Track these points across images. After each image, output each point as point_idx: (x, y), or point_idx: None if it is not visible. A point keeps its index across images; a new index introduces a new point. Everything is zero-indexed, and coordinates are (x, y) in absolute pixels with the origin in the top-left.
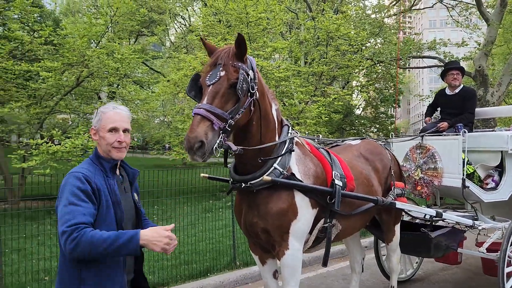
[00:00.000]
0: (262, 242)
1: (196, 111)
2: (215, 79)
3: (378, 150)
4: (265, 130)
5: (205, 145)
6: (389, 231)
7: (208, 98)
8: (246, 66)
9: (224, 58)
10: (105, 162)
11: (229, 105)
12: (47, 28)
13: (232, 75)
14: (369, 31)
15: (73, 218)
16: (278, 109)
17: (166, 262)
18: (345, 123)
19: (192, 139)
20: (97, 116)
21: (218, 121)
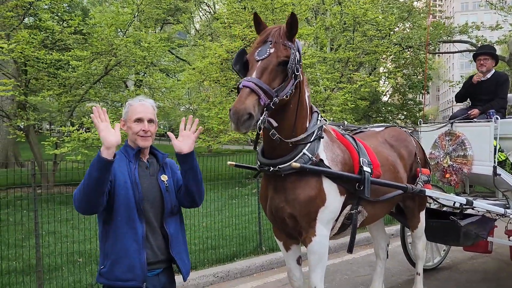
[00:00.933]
0: (288, 228)
1: (246, 84)
2: (265, 55)
3: (403, 137)
4: (299, 115)
5: (253, 118)
6: (414, 217)
7: (257, 72)
8: (295, 47)
9: (275, 36)
10: (129, 149)
11: (276, 83)
12: (76, 18)
13: (282, 53)
14: (398, 15)
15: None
16: (309, 96)
17: (194, 246)
18: (371, 110)
19: (242, 110)
20: (126, 108)
21: (265, 97)
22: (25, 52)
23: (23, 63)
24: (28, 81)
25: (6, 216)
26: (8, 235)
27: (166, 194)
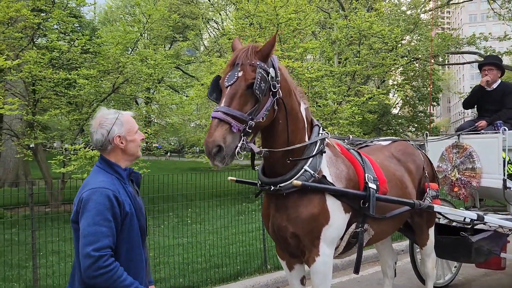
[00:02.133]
0: (291, 247)
1: (214, 115)
2: (232, 80)
3: (410, 151)
4: (293, 130)
5: (223, 149)
6: (422, 234)
7: (225, 100)
8: (266, 64)
9: (242, 57)
10: (120, 169)
11: (248, 106)
12: (83, 37)
13: (250, 75)
14: (404, 28)
15: (97, 241)
16: (307, 109)
17: (197, 265)
18: (381, 123)
19: (210, 143)
20: (117, 123)
21: (237, 124)
22: (33, 72)
23: (31, 83)
24: (37, 100)
25: (10, 236)
26: (12, 255)
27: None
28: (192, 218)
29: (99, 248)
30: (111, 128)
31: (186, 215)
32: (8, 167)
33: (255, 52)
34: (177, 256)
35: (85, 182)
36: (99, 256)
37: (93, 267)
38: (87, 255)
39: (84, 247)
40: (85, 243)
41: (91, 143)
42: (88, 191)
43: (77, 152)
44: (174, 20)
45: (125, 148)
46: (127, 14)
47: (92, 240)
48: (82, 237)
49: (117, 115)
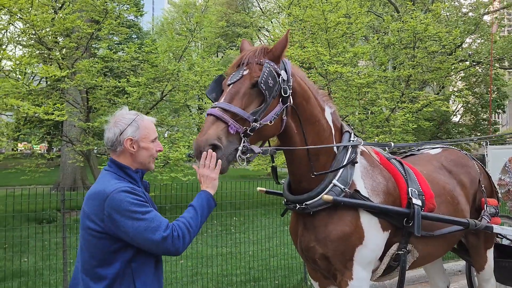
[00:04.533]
0: (321, 269)
1: (209, 111)
2: (236, 78)
3: (463, 161)
4: (314, 140)
5: (221, 149)
6: (479, 256)
7: (225, 98)
8: (278, 66)
9: (249, 56)
10: (132, 172)
11: (253, 106)
12: (133, 46)
13: (256, 73)
14: (463, 29)
15: (160, 223)
16: (334, 113)
17: (235, 278)
18: (440, 131)
19: (202, 142)
20: (133, 125)
21: (236, 124)
22: (85, 80)
23: (84, 91)
24: (89, 107)
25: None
26: (57, 260)
27: None
28: (236, 227)
29: (166, 227)
30: (124, 129)
31: (230, 224)
32: (67, 172)
33: (265, 52)
34: (216, 267)
35: (96, 188)
36: (171, 230)
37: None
38: (163, 238)
39: (156, 236)
40: (152, 232)
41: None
42: (109, 196)
43: None
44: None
45: (136, 154)
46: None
47: (156, 226)
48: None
49: (135, 117)
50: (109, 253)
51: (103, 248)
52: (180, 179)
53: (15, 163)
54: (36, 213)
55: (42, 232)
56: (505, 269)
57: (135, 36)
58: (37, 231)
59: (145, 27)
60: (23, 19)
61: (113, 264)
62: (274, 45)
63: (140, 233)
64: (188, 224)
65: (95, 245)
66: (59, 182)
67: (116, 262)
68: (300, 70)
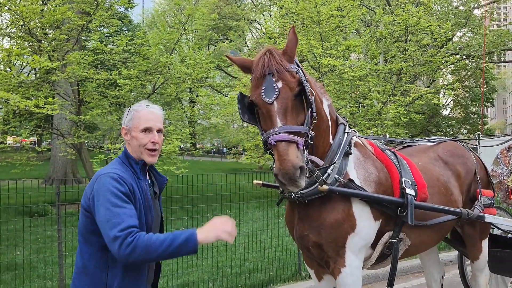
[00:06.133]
0: (315, 257)
1: (277, 138)
2: (275, 94)
3: (460, 152)
4: (316, 131)
5: (305, 169)
6: (474, 247)
7: (281, 119)
8: (295, 65)
9: (273, 65)
10: (134, 163)
11: (301, 117)
12: (124, 38)
13: (293, 83)
14: (454, 22)
15: (122, 221)
16: (331, 105)
17: (229, 269)
18: (430, 124)
19: (290, 168)
20: (129, 115)
21: (301, 140)
22: (76, 72)
23: (75, 83)
24: (81, 100)
25: (51, 233)
26: (52, 252)
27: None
28: None
29: (124, 228)
30: (124, 119)
31: None
32: (58, 165)
33: (282, 56)
34: (210, 259)
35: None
36: (126, 233)
37: (123, 245)
38: (115, 237)
39: (110, 232)
40: (110, 227)
41: None
42: (98, 179)
43: (117, 151)
44: (215, 20)
45: (130, 143)
46: (173, 17)
47: (116, 222)
48: (104, 223)
49: (134, 107)
50: (90, 233)
51: (86, 226)
52: (173, 172)
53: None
54: (27, 206)
55: (35, 225)
56: (496, 258)
57: (126, 29)
58: (29, 225)
59: (136, 19)
60: (11, 10)
61: (92, 245)
62: (286, 46)
63: (102, 222)
64: (150, 242)
65: (82, 222)
66: (50, 175)
67: (94, 243)
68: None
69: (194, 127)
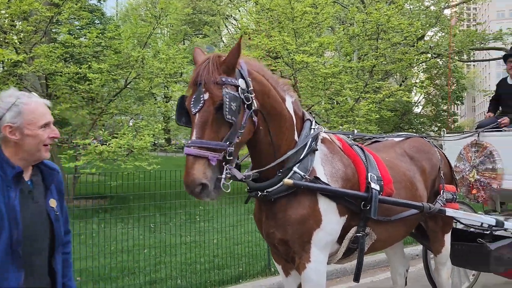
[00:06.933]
0: (281, 254)
1: (187, 151)
2: (199, 104)
3: (426, 148)
4: (276, 132)
5: (207, 186)
6: (437, 241)
7: (197, 132)
8: (234, 76)
9: (204, 74)
10: (7, 167)
11: (223, 131)
12: (94, 31)
13: (217, 96)
14: (425, 22)
15: None
16: (296, 101)
17: (199, 266)
18: (402, 121)
19: (191, 183)
20: (13, 110)
21: (215, 155)
22: (44, 66)
23: (43, 77)
24: (50, 95)
25: None
26: None
27: (57, 224)
28: (201, 216)
29: None
30: (3, 115)
31: (196, 213)
32: None
33: (218, 66)
34: (180, 255)
35: None
36: None
37: None
38: None
39: None
40: None
41: None
42: None
43: (86, 147)
44: (190, 15)
45: (21, 143)
46: (147, 11)
47: None
48: None
49: (15, 100)
50: None
51: None
52: (145, 168)
53: None
54: None
55: None
56: (458, 251)
57: (98, 22)
58: None
59: (109, 12)
60: None
61: None
62: (227, 56)
63: None
64: None
65: None
66: None
67: None
68: (257, 63)
69: (168, 122)
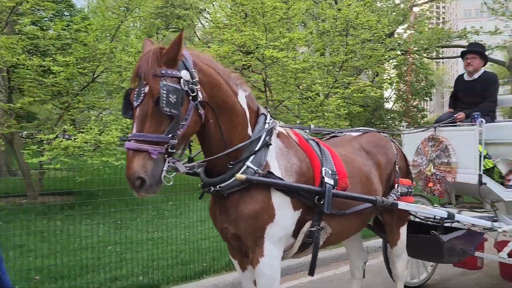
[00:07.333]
0: (235, 249)
1: (127, 145)
2: (140, 98)
3: (382, 143)
4: (228, 126)
5: (146, 181)
6: (393, 233)
7: (137, 125)
8: (176, 68)
9: (144, 67)
10: None
11: (165, 124)
12: (59, 23)
13: (156, 89)
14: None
15: None
16: (250, 96)
17: (163, 262)
18: (374, 117)
19: (131, 177)
20: None
21: (156, 147)
22: (5, 58)
23: (4, 69)
24: (12, 88)
25: None
26: None
27: None
28: (171, 211)
29: None
30: None
31: (165, 208)
32: None
33: (159, 58)
34: (145, 251)
35: None
36: None
37: None
38: None
39: None
40: None
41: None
42: None
43: (51, 142)
44: (162, 8)
45: None
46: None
47: None
48: None
49: None
50: None
51: None
52: (112, 163)
53: None
54: None
55: None
56: (414, 243)
57: (68, 14)
58: None
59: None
60: None
61: None
62: (168, 47)
63: None
64: None
65: None
66: None
67: None
68: (207, 56)
69: None
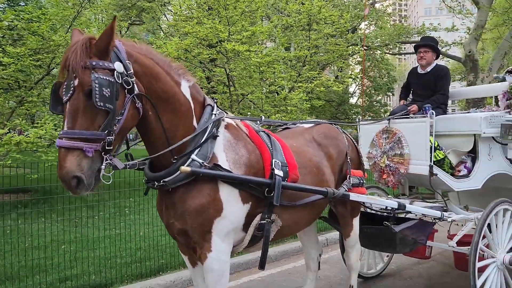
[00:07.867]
0: (183, 244)
1: (58, 143)
2: (69, 92)
3: (333, 134)
4: (170, 118)
5: (83, 180)
6: (346, 225)
7: (68, 121)
8: (108, 59)
9: (72, 59)
10: None
11: (100, 120)
12: (9, 12)
13: (87, 82)
14: (354, 15)
15: None
16: (194, 86)
17: (119, 259)
18: (339, 112)
19: (65, 176)
20: None
21: (92, 145)
22: None
23: None
24: None
25: None
26: None
27: None
28: (131, 208)
29: None
30: None
31: (125, 205)
32: None
33: (88, 48)
34: (101, 249)
35: None
36: None
37: None
38: None
39: None
40: None
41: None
42: None
43: (1, 137)
44: None
45: None
46: None
47: None
48: None
49: None
50: None
51: None
52: None
53: None
54: None
55: None
56: (368, 234)
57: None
58: None
59: None
60: None
61: None
62: (99, 37)
63: None
64: None
65: None
66: None
67: None
68: (143, 46)
69: None
